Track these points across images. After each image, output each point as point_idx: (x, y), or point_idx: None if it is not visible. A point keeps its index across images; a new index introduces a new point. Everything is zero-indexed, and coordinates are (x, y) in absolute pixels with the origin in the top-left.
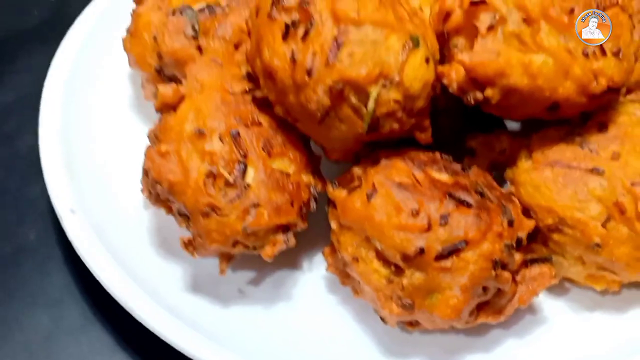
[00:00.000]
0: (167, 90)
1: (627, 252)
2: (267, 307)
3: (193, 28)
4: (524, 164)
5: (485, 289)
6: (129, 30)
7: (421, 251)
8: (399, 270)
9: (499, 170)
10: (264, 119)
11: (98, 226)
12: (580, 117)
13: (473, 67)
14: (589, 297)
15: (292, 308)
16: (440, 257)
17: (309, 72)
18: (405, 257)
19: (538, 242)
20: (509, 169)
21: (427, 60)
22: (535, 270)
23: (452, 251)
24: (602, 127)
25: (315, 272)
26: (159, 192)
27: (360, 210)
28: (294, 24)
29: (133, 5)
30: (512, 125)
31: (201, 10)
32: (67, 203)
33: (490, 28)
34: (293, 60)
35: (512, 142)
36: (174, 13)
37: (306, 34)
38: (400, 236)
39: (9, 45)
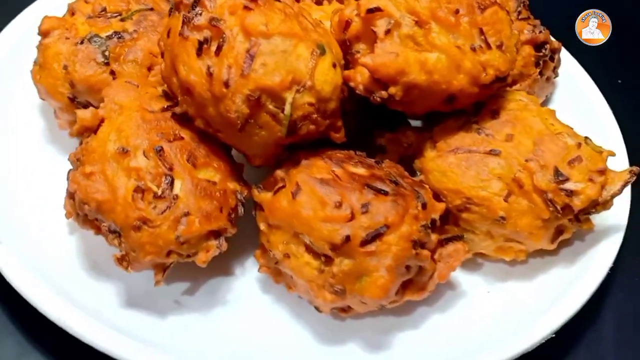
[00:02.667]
0: (85, 114)
1: (529, 222)
2: (204, 315)
3: (103, 54)
4: (429, 153)
5: (408, 267)
6: (37, 63)
7: (347, 239)
8: (328, 260)
9: (408, 163)
10: (185, 134)
11: (27, 256)
12: (474, 107)
13: (376, 68)
14: (500, 269)
15: (228, 312)
16: (365, 242)
17: (226, 84)
18: (334, 247)
19: (450, 223)
20: (417, 160)
21: (334, 65)
22: (450, 248)
23: (376, 236)
24: (495, 114)
25: (247, 275)
26: (87, 212)
27: (287, 209)
28: (207, 41)
29: (38, 39)
30: (415, 122)
31: (109, 37)
32: None
33: (387, 32)
34: (209, 74)
35: (417, 136)
36: (82, 42)
37: (219, 49)
38: (327, 227)
39: None
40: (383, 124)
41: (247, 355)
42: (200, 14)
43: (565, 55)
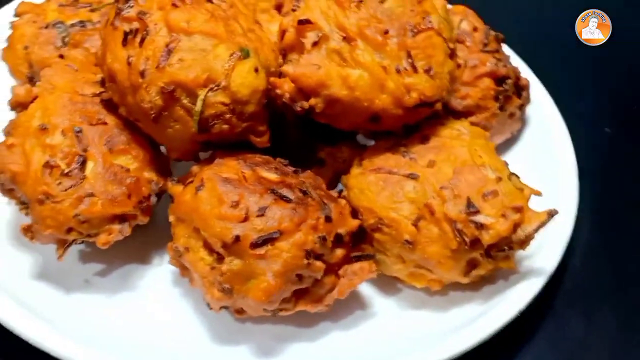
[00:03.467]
0: (20, 90)
1: (437, 250)
2: (110, 297)
3: (62, 40)
4: (354, 170)
5: (300, 277)
6: (7, 41)
7: (237, 239)
8: (220, 258)
9: None
10: (110, 120)
11: None
12: (404, 130)
13: (296, 78)
14: (417, 297)
15: (135, 298)
16: (256, 245)
17: (142, 74)
18: (225, 245)
19: (366, 242)
20: (343, 176)
21: (256, 70)
22: (356, 265)
23: (267, 240)
24: (424, 139)
25: (164, 266)
26: (3, 181)
27: (189, 202)
28: (132, 32)
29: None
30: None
31: (73, 25)
32: None
33: (315, 44)
34: (129, 63)
35: (351, 153)
36: (47, 27)
37: (142, 40)
38: (220, 225)
39: None
40: (325, 138)
41: (141, 343)
42: (131, 7)
43: (540, 93)
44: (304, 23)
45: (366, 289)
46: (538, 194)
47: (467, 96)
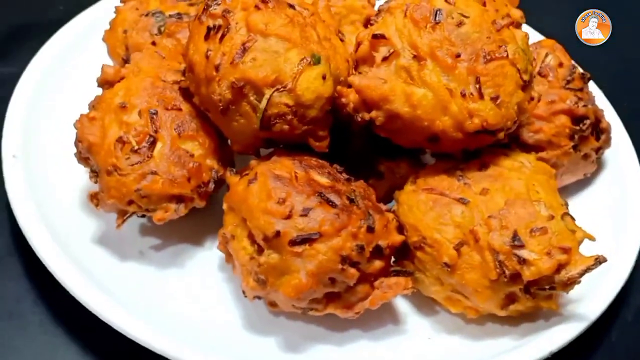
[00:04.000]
0: (109, 68)
1: (476, 279)
2: (159, 270)
3: (159, 29)
4: (408, 186)
5: (333, 280)
6: (109, 24)
7: (277, 234)
8: (260, 250)
9: None
10: (185, 107)
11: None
12: (463, 155)
13: (361, 89)
14: (453, 322)
15: (182, 275)
16: (294, 242)
17: (217, 68)
18: (265, 238)
19: (409, 259)
20: (397, 191)
21: (323, 77)
22: (393, 280)
23: (306, 239)
24: (483, 167)
25: (214, 250)
26: (81, 150)
27: (240, 193)
28: (215, 28)
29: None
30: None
31: (171, 16)
32: (10, 149)
33: (384, 59)
34: (207, 56)
35: (409, 169)
36: (147, 14)
37: (222, 37)
38: (264, 218)
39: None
40: (387, 152)
41: (178, 317)
42: (218, 5)
43: (621, 138)
44: (377, 37)
45: (403, 305)
46: (591, 238)
47: (540, 130)
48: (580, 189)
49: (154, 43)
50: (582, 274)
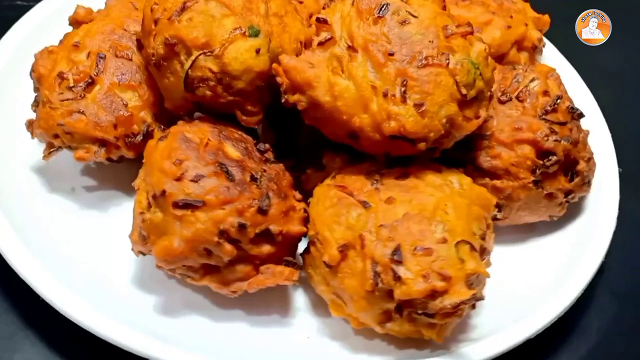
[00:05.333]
0: (81, 9)
1: (354, 286)
2: (80, 210)
3: None
4: (327, 181)
5: (209, 252)
6: None
7: (163, 193)
8: (149, 206)
9: None
10: (136, 58)
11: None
12: (386, 159)
13: (287, 70)
14: (342, 329)
15: (99, 218)
16: (176, 205)
17: (155, 22)
18: (154, 195)
19: (307, 253)
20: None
21: (257, 51)
22: (279, 268)
23: (188, 204)
24: (403, 176)
25: None
26: (34, 79)
27: (150, 148)
28: None
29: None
30: None
31: None
32: None
33: (320, 44)
34: (151, 10)
35: (343, 165)
36: None
37: None
38: (157, 176)
39: None
40: (333, 145)
41: (80, 259)
42: None
43: (610, 190)
44: (320, 22)
45: (299, 300)
46: (483, 273)
47: (498, 156)
48: (545, 231)
49: None
50: (455, 307)
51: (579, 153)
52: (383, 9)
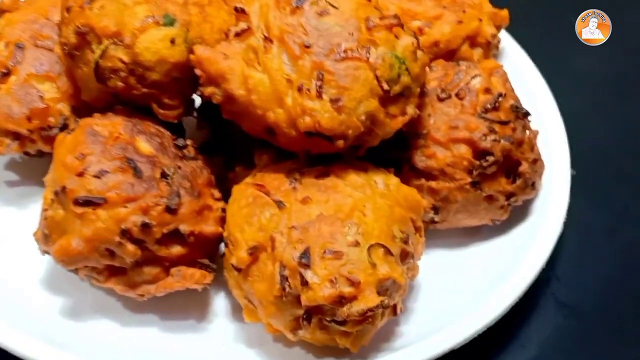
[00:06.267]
0: None
1: (263, 290)
2: (2, 205)
3: None
4: (247, 178)
5: (112, 253)
6: None
7: (63, 190)
8: (52, 203)
9: None
10: (57, 49)
11: None
12: (306, 157)
13: (200, 61)
14: (261, 335)
15: (20, 214)
16: (77, 202)
17: (68, 10)
18: (56, 192)
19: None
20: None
21: (172, 41)
22: (191, 271)
23: (89, 202)
24: (323, 175)
25: None
26: None
27: (58, 141)
28: None
29: None
30: None
31: None
32: None
33: (237, 35)
34: None
35: (268, 163)
36: None
37: None
38: (60, 171)
39: None
40: (264, 142)
41: None
42: None
43: (559, 195)
44: (238, 11)
45: (219, 304)
46: (394, 278)
47: (433, 156)
48: (489, 236)
49: None
50: (362, 314)
51: (522, 154)
52: None
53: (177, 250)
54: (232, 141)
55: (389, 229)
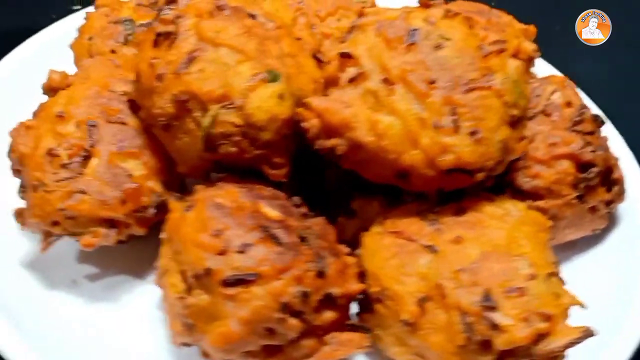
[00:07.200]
0: (55, 75)
1: (441, 342)
2: (91, 303)
3: (125, 37)
4: (374, 228)
5: (271, 331)
6: (78, 30)
7: (208, 272)
8: (190, 289)
9: None
10: (131, 121)
11: None
12: (438, 196)
13: (321, 113)
14: None
15: (114, 310)
16: (226, 283)
17: (159, 78)
18: (196, 276)
19: (369, 313)
20: (363, 232)
21: (280, 97)
22: (345, 335)
23: (240, 280)
24: (460, 211)
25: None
26: (13, 161)
27: (175, 221)
28: (164, 35)
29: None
30: None
31: (141, 25)
32: None
33: (352, 81)
34: (151, 65)
35: (381, 209)
36: (116, 22)
37: (171, 44)
38: (195, 252)
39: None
40: (363, 187)
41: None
42: (171, 10)
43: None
44: (345, 57)
45: None
46: (580, 304)
47: (537, 176)
48: (586, 247)
49: (113, 51)
50: (565, 348)
51: (611, 161)
52: (412, 35)
53: (329, 316)
54: (323, 192)
55: (546, 255)
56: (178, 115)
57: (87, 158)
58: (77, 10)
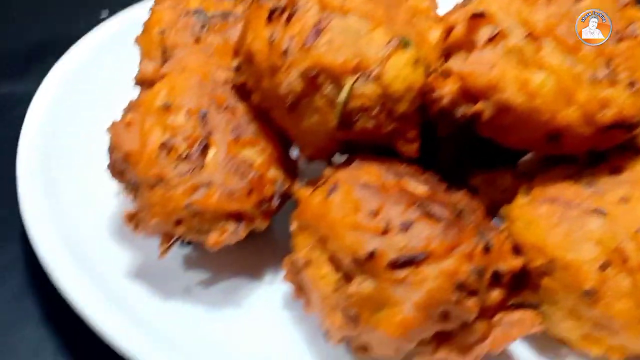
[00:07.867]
0: (148, 66)
1: (627, 309)
2: (210, 311)
3: (201, 27)
4: (521, 199)
5: (445, 315)
6: (143, 25)
7: (371, 255)
8: (348, 277)
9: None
10: (240, 108)
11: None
12: (589, 158)
13: (464, 76)
14: None
15: (238, 317)
16: (394, 265)
17: (284, 54)
18: (356, 261)
19: (529, 289)
20: (504, 206)
21: (416, 64)
22: (516, 315)
23: (409, 261)
24: (616, 171)
25: (276, 285)
26: (115, 161)
27: (317, 207)
28: (279, 9)
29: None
30: None
31: (214, 16)
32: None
33: (490, 40)
34: (271, 42)
35: (514, 181)
36: (186, 14)
37: (289, 18)
38: (352, 236)
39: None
40: (481, 162)
41: None
42: None
43: None
44: (477, 17)
45: (520, 349)
46: None
47: None
48: None
49: (197, 41)
50: None
51: None
52: None
53: (497, 295)
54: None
55: None
56: (306, 93)
57: (205, 148)
58: (104, 19)
